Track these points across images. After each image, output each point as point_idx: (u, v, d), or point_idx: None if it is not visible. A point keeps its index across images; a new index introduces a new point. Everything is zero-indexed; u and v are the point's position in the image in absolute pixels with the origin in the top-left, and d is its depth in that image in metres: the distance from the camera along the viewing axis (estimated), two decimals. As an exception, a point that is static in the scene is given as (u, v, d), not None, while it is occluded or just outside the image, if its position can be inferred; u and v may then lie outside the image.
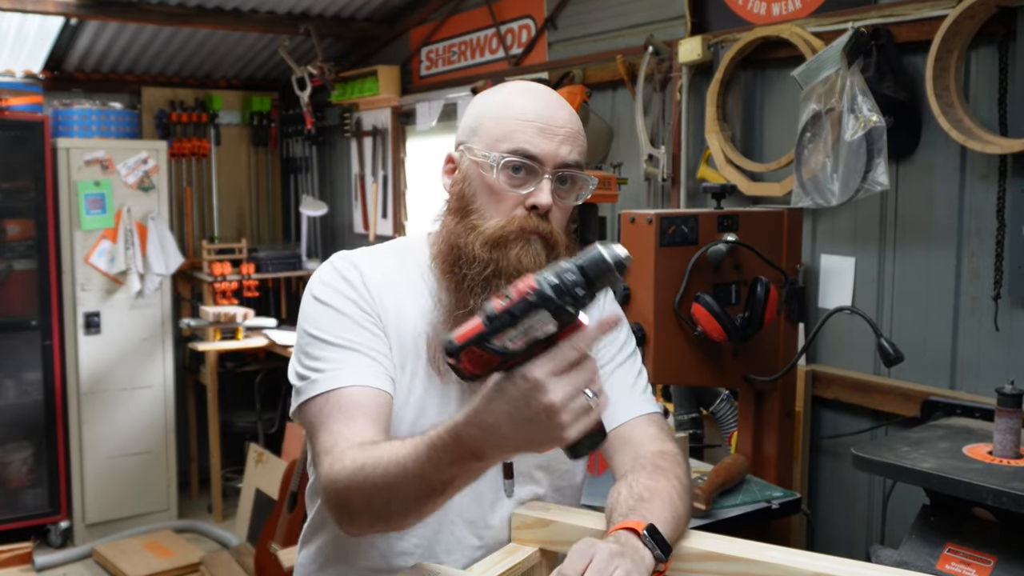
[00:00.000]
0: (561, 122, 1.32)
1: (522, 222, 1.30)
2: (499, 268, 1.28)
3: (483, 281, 1.29)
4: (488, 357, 0.98)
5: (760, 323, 2.12)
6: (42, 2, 3.85)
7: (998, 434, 1.70)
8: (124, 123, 4.75)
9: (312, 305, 1.33)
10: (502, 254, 1.29)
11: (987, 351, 2.27)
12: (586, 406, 1.00)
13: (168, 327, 4.66)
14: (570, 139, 1.32)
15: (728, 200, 2.35)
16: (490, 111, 1.35)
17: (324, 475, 1.20)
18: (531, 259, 1.29)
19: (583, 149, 1.35)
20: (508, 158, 1.30)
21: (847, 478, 2.61)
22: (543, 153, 1.30)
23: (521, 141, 1.30)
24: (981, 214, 2.26)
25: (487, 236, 1.30)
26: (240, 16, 4.28)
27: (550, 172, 1.30)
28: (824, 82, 2.37)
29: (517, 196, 1.31)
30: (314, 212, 5.06)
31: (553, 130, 1.31)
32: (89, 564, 4.30)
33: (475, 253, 1.29)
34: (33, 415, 4.41)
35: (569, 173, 1.33)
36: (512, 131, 1.31)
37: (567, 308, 0.96)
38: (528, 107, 1.32)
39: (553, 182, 1.31)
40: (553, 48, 3.63)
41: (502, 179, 1.30)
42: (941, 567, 1.65)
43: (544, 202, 1.30)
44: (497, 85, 1.41)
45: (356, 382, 1.25)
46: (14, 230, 4.34)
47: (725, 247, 2.08)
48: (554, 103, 1.34)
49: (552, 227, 1.32)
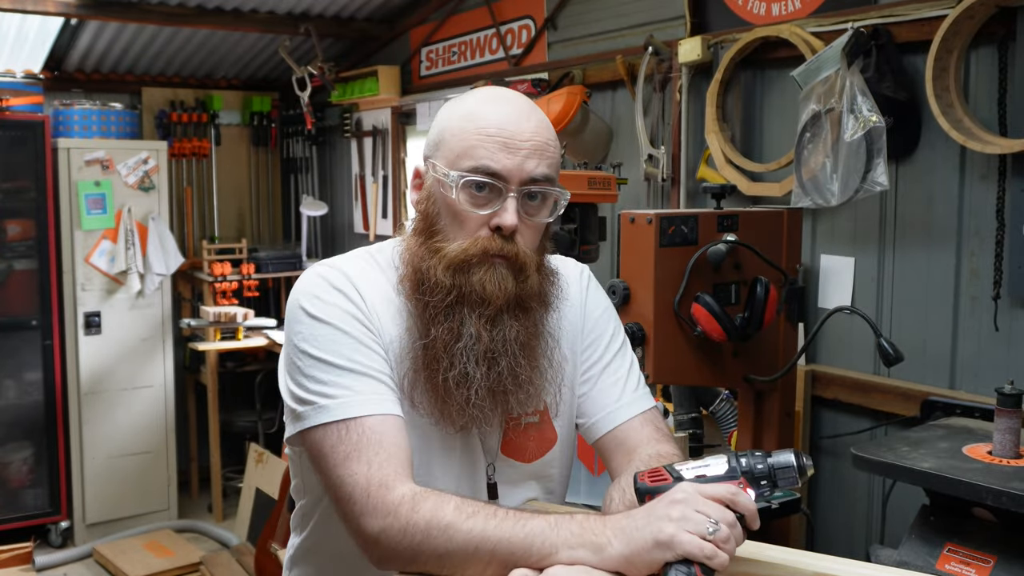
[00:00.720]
0: (526, 134, 1.23)
1: (485, 244, 1.22)
2: (462, 294, 1.22)
3: (445, 309, 1.22)
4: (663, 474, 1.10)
5: (760, 323, 2.12)
6: (42, 2, 3.85)
7: (998, 434, 1.70)
8: (124, 123, 4.76)
9: (307, 322, 1.24)
10: (465, 279, 1.22)
11: (987, 351, 2.27)
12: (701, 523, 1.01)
13: (168, 327, 4.66)
14: (537, 152, 1.24)
15: (728, 200, 2.35)
16: (452, 124, 1.27)
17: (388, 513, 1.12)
18: (495, 284, 1.22)
19: (553, 160, 1.27)
20: (468, 177, 1.22)
21: (847, 478, 2.61)
22: (506, 170, 1.21)
23: (482, 158, 1.22)
24: (981, 214, 2.26)
25: (449, 260, 1.22)
26: (240, 16, 4.28)
27: (515, 190, 1.22)
28: (824, 82, 2.37)
29: (480, 217, 1.23)
30: (314, 212, 5.06)
31: (517, 144, 1.22)
32: (89, 564, 4.30)
33: (438, 279, 1.22)
34: (33, 415, 4.41)
35: (537, 189, 1.24)
36: (473, 147, 1.22)
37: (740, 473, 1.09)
38: (490, 119, 1.23)
39: (519, 200, 1.23)
40: (553, 48, 3.63)
41: (463, 199, 1.23)
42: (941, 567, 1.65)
43: (508, 223, 1.22)
44: (464, 94, 1.33)
45: (377, 411, 1.19)
46: (14, 230, 4.34)
47: (725, 247, 2.08)
48: (519, 113, 1.25)
49: (518, 248, 1.24)
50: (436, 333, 1.22)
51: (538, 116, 1.27)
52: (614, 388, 1.38)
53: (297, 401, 1.23)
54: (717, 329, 2.05)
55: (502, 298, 1.22)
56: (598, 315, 1.42)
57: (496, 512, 1.10)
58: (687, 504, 1.02)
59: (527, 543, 1.07)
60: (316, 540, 1.39)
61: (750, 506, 1.05)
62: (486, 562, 1.08)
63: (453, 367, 1.21)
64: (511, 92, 1.32)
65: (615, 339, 1.42)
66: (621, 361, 1.41)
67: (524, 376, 1.24)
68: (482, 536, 1.08)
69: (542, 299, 1.28)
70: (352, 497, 1.15)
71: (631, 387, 1.39)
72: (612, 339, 1.42)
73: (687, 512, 1.01)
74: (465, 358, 1.21)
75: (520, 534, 1.07)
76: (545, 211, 1.28)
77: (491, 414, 1.25)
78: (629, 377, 1.40)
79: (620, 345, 1.42)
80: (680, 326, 2.08)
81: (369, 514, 1.13)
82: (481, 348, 1.22)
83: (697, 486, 1.05)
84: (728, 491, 1.04)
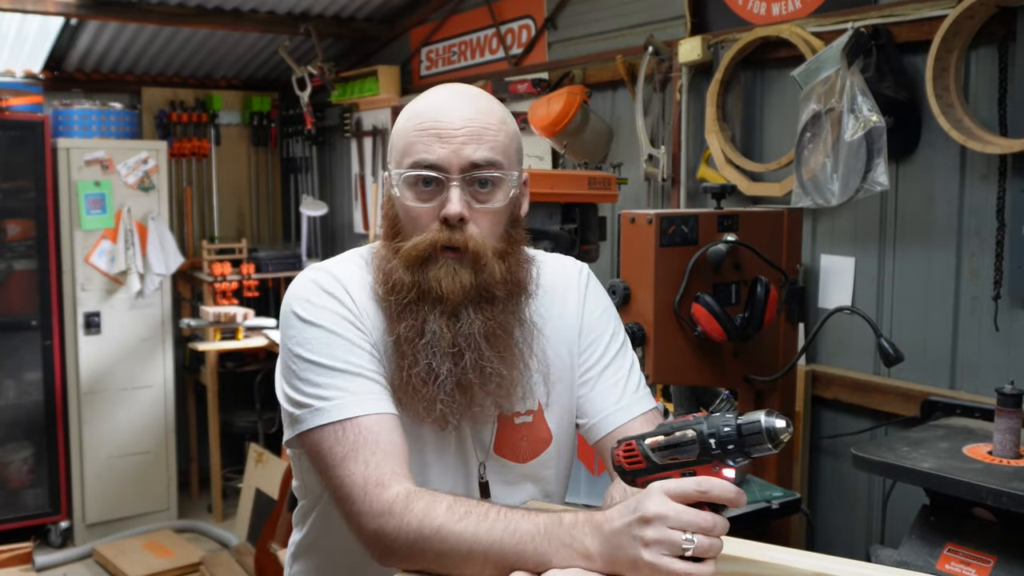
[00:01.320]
0: (461, 121, 1.22)
1: (434, 236, 1.23)
2: (422, 291, 1.23)
3: (407, 306, 1.23)
4: (636, 457, 1.08)
5: (760, 323, 2.12)
6: (42, 2, 3.85)
7: (998, 434, 1.70)
8: (124, 123, 4.75)
9: (299, 326, 1.25)
10: (422, 276, 1.23)
11: (987, 351, 2.27)
12: (675, 542, 0.98)
13: (168, 327, 4.66)
14: (474, 137, 1.22)
15: (728, 200, 2.35)
16: (398, 126, 1.28)
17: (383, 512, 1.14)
18: (450, 279, 1.22)
19: (498, 143, 1.24)
20: (408, 173, 1.23)
21: (847, 478, 2.61)
22: (442, 159, 1.21)
23: (418, 152, 1.22)
24: (981, 214, 2.26)
25: (405, 257, 1.24)
26: (240, 16, 4.28)
27: (456, 178, 1.22)
28: (824, 82, 2.37)
29: (429, 211, 1.23)
30: (314, 212, 5.06)
31: (451, 132, 1.22)
32: (89, 564, 4.30)
33: (399, 277, 1.24)
34: (33, 415, 4.40)
35: (480, 175, 1.23)
36: (411, 144, 1.24)
37: (710, 443, 1.02)
38: (424, 114, 1.24)
39: (464, 187, 1.23)
40: (553, 48, 3.63)
41: (410, 196, 1.24)
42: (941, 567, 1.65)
43: (452, 211, 1.21)
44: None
45: (372, 410, 1.20)
46: (14, 230, 4.33)
47: (725, 247, 2.08)
48: (455, 102, 1.25)
49: (467, 237, 1.23)
50: (400, 331, 1.23)
51: (478, 103, 1.26)
52: (614, 389, 1.37)
53: (293, 404, 1.24)
54: (717, 329, 2.06)
55: (459, 293, 1.23)
56: (598, 315, 1.41)
57: (488, 513, 1.10)
58: (660, 522, 1.00)
59: (519, 550, 1.07)
60: (316, 536, 1.40)
61: (727, 492, 1.02)
62: (481, 564, 1.09)
63: (417, 363, 1.22)
64: (459, 85, 1.31)
65: (615, 339, 1.41)
66: (621, 362, 1.40)
67: (491, 369, 1.24)
68: (473, 539, 1.09)
69: (511, 287, 1.27)
70: (351, 497, 1.16)
71: (631, 388, 1.39)
72: (612, 339, 1.41)
73: (661, 533, 0.99)
74: (428, 354, 1.22)
75: (511, 541, 1.08)
76: (499, 195, 1.26)
77: (465, 409, 1.25)
78: (629, 378, 1.40)
79: (620, 345, 1.42)
80: (680, 326, 2.08)
81: (366, 513, 1.15)
82: (444, 344, 1.22)
83: (665, 489, 1.02)
84: (698, 488, 1.01)
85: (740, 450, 1.01)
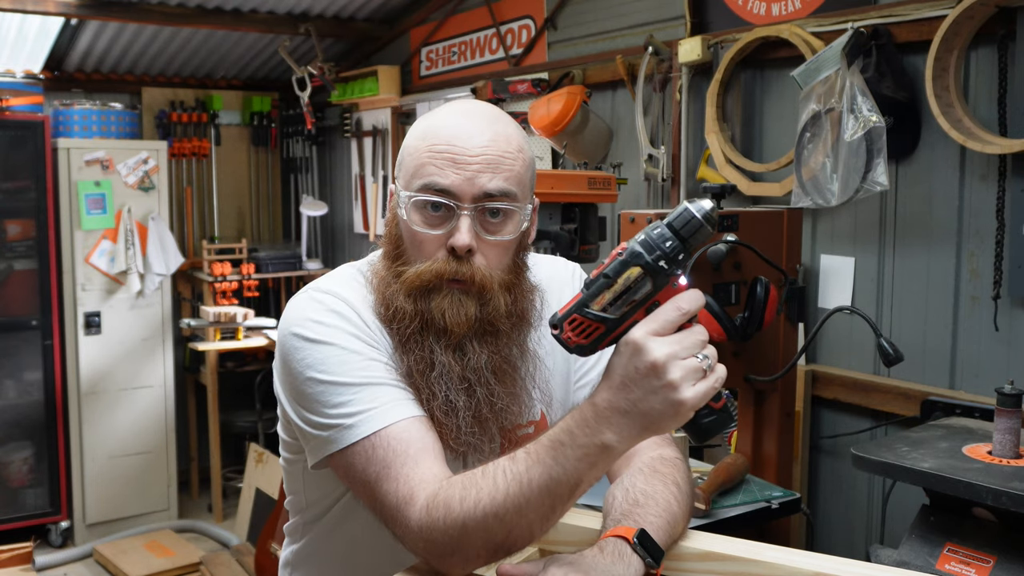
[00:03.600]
0: (477, 148, 1.17)
1: (439, 267, 1.18)
2: (424, 321, 1.18)
3: (411, 336, 1.19)
4: (590, 325, 1.00)
5: (760, 323, 2.12)
6: (42, 2, 3.85)
7: (998, 434, 1.70)
8: (124, 123, 4.75)
9: (308, 348, 1.19)
10: (425, 305, 1.18)
11: (987, 351, 2.27)
12: (697, 367, 0.96)
13: (168, 327, 4.66)
14: (491, 166, 1.17)
15: (728, 200, 2.35)
16: (409, 142, 1.23)
17: (421, 527, 1.09)
18: (455, 310, 1.17)
19: (513, 173, 1.19)
20: (417, 197, 1.18)
21: (847, 478, 2.61)
22: (455, 186, 1.16)
23: (431, 175, 1.17)
24: (981, 214, 2.26)
25: (407, 285, 1.19)
26: (240, 16, 4.28)
27: (468, 207, 1.17)
28: (824, 82, 2.37)
29: (436, 238, 1.18)
30: (314, 212, 5.06)
31: (467, 159, 1.16)
32: (89, 564, 4.30)
33: (400, 305, 1.19)
34: (33, 415, 4.40)
35: (493, 205, 1.18)
36: (423, 164, 1.18)
37: (660, 264, 0.97)
38: (441, 134, 1.18)
39: (476, 218, 1.18)
40: (553, 48, 3.63)
41: (417, 220, 1.19)
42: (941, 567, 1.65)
43: (461, 243, 1.16)
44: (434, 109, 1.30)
45: (400, 416, 1.16)
46: (14, 230, 4.34)
47: (725, 247, 2.08)
48: (473, 126, 1.19)
49: (474, 270, 1.18)
50: (410, 363, 1.20)
51: (496, 129, 1.20)
52: None
53: (317, 428, 1.19)
54: (717, 329, 2.05)
55: (464, 326, 1.19)
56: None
57: (495, 478, 1.05)
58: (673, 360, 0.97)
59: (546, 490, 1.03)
60: (315, 548, 1.38)
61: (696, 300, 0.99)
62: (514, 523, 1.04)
63: (435, 396, 1.19)
64: (476, 105, 1.27)
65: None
66: None
67: (501, 405, 1.22)
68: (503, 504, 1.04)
69: (515, 319, 1.24)
70: (392, 519, 1.13)
71: None
72: None
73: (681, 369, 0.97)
74: (443, 387, 1.19)
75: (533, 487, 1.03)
76: (509, 227, 1.21)
77: (483, 440, 1.23)
78: None
79: None
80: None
81: (410, 535, 1.11)
82: (455, 377, 1.19)
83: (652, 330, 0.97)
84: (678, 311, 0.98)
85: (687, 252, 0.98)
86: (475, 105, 1.27)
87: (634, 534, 1.09)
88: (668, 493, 1.20)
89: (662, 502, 1.18)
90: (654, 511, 1.16)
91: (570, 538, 1.21)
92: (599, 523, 1.23)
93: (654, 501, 1.17)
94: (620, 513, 1.16)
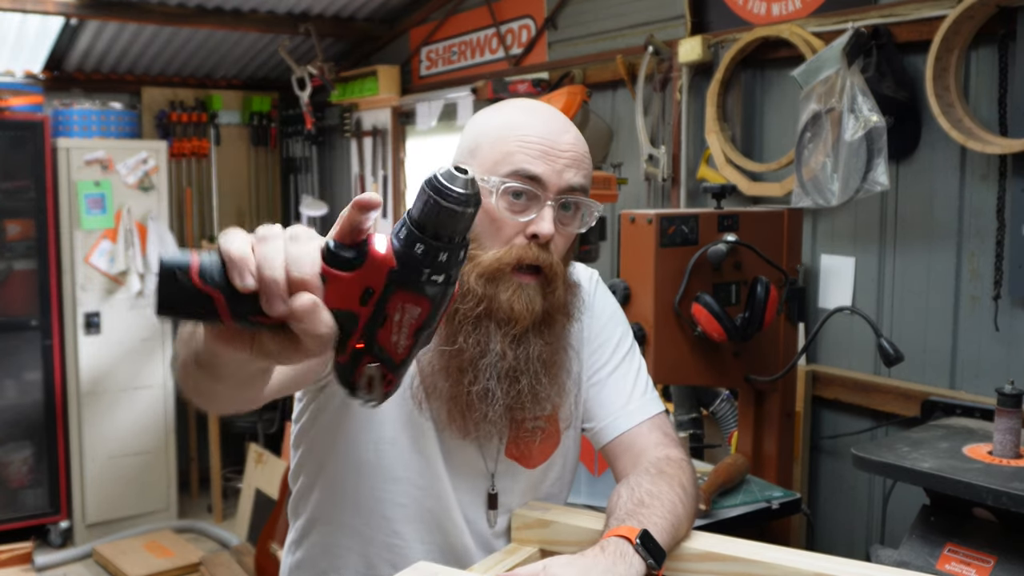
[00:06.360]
0: (566, 145, 1.24)
1: (520, 252, 1.22)
2: (490, 308, 1.21)
3: (474, 319, 1.21)
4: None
5: (760, 323, 2.12)
6: (42, 2, 3.85)
7: (998, 434, 1.70)
8: (124, 123, 4.75)
9: None
10: (495, 292, 1.21)
11: (987, 351, 2.27)
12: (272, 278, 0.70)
13: (168, 327, 4.66)
14: (575, 163, 1.24)
15: (728, 200, 2.35)
16: (490, 132, 1.26)
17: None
18: (523, 304, 1.21)
19: (588, 173, 1.27)
20: (508, 183, 1.21)
21: (847, 478, 2.61)
22: (546, 176, 1.21)
23: (522, 163, 1.21)
24: (981, 214, 2.26)
25: (483, 268, 1.21)
26: (240, 16, 4.28)
27: (553, 198, 1.22)
28: (824, 82, 2.37)
29: (517, 224, 1.22)
30: (314, 212, 5.05)
31: (557, 153, 1.23)
32: (89, 564, 4.30)
33: (470, 286, 1.21)
34: (33, 415, 4.40)
35: (573, 199, 1.25)
36: (512, 152, 1.22)
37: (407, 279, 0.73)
38: (531, 127, 1.24)
39: (556, 209, 1.23)
40: (553, 48, 3.63)
41: (501, 205, 1.22)
42: (941, 567, 1.65)
43: (546, 231, 1.21)
44: (497, 103, 1.34)
45: None
46: (14, 230, 4.33)
47: (725, 247, 2.07)
48: (559, 124, 1.26)
49: (552, 259, 1.23)
50: (463, 344, 1.22)
51: (574, 131, 1.28)
52: (621, 393, 1.37)
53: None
54: (717, 329, 2.05)
55: (529, 318, 1.22)
56: (606, 319, 1.41)
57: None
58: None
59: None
60: (320, 512, 1.37)
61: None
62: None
63: (477, 381, 1.22)
64: (546, 105, 1.32)
65: (623, 343, 1.42)
66: (629, 365, 1.41)
67: (543, 394, 1.25)
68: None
69: (566, 312, 1.29)
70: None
71: (639, 392, 1.39)
72: (620, 343, 1.41)
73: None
74: (489, 374, 1.21)
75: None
76: (577, 222, 1.27)
77: (503, 428, 1.26)
78: (637, 381, 1.39)
79: (628, 349, 1.42)
80: (680, 326, 2.08)
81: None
82: (505, 366, 1.22)
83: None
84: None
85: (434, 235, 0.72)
86: (545, 105, 1.32)
87: (637, 534, 1.10)
88: (673, 495, 1.21)
89: (667, 503, 1.19)
90: (659, 512, 1.16)
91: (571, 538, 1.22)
92: (600, 523, 1.23)
93: (659, 502, 1.18)
94: (624, 512, 1.17)
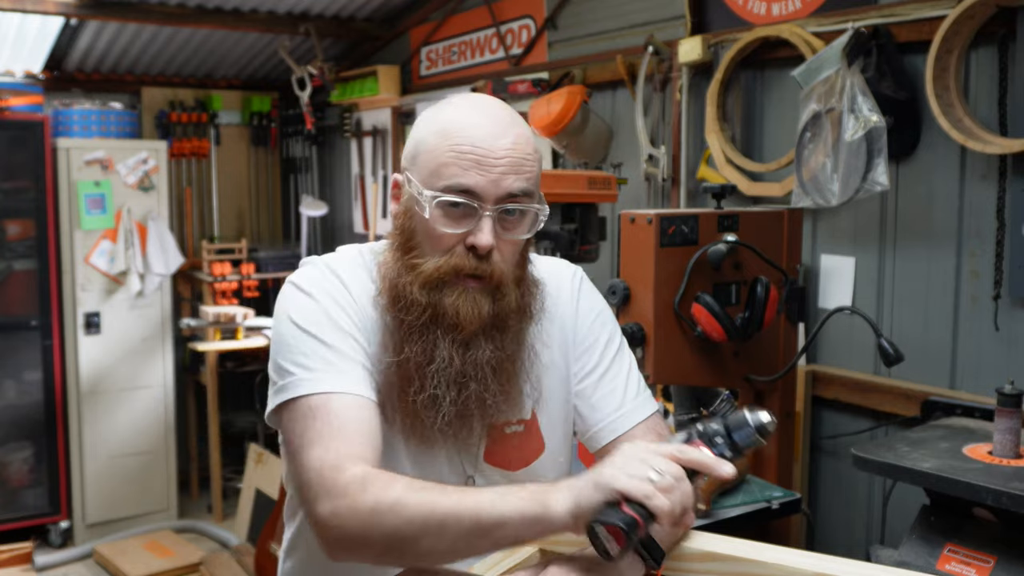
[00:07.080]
0: (502, 150, 1.19)
1: (458, 262, 1.19)
2: (436, 314, 1.20)
3: (420, 328, 1.20)
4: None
5: (760, 323, 2.12)
6: (42, 2, 3.85)
7: (998, 434, 1.70)
8: (124, 123, 4.75)
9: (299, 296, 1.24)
10: (439, 299, 1.19)
11: (987, 351, 2.27)
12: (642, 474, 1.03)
13: (168, 327, 4.66)
14: (514, 167, 1.19)
15: (728, 200, 2.35)
16: (428, 139, 1.22)
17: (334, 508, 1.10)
18: (469, 308, 1.19)
19: (532, 174, 1.22)
20: (441, 197, 1.18)
21: (847, 478, 2.61)
22: (480, 188, 1.18)
23: (455, 176, 1.18)
24: (981, 214, 2.26)
25: (424, 278, 1.20)
26: (240, 16, 4.28)
27: (491, 208, 1.18)
28: (824, 82, 2.37)
29: (455, 236, 1.20)
30: (314, 212, 5.06)
31: (492, 161, 1.18)
32: (89, 564, 4.30)
33: (413, 296, 1.20)
34: (33, 415, 4.40)
35: (514, 206, 1.20)
36: (446, 164, 1.19)
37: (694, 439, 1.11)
38: (464, 135, 1.19)
39: (495, 218, 1.19)
40: (553, 48, 3.63)
41: (437, 218, 1.19)
42: (941, 567, 1.65)
43: (483, 243, 1.18)
44: (443, 101, 1.28)
45: (352, 391, 1.17)
46: (14, 230, 4.33)
47: (725, 247, 2.08)
48: (496, 127, 1.20)
49: (493, 268, 1.20)
50: (409, 352, 1.21)
51: (516, 129, 1.22)
52: (613, 396, 1.35)
53: (277, 373, 1.23)
54: (717, 329, 2.05)
55: (476, 323, 1.20)
56: (592, 320, 1.38)
57: (446, 488, 1.09)
58: (631, 455, 1.05)
59: (475, 511, 1.05)
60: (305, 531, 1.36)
61: (701, 458, 1.07)
62: (436, 535, 1.06)
63: (423, 389, 1.20)
64: (490, 102, 1.27)
65: (611, 344, 1.38)
66: (619, 367, 1.37)
67: (491, 401, 1.23)
68: (431, 508, 1.06)
69: (521, 313, 1.26)
70: (308, 482, 1.13)
71: (631, 393, 1.36)
72: (608, 344, 1.38)
73: (629, 461, 1.04)
74: (435, 381, 1.20)
75: (468, 502, 1.06)
76: (524, 226, 1.24)
77: (462, 433, 1.24)
78: (628, 383, 1.37)
79: (617, 349, 1.38)
80: (680, 326, 2.08)
81: (320, 497, 1.11)
82: (453, 372, 1.20)
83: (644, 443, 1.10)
84: (675, 447, 1.08)
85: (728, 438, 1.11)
86: (489, 102, 1.27)
87: None
88: None
89: None
90: None
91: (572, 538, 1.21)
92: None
93: None
94: None
